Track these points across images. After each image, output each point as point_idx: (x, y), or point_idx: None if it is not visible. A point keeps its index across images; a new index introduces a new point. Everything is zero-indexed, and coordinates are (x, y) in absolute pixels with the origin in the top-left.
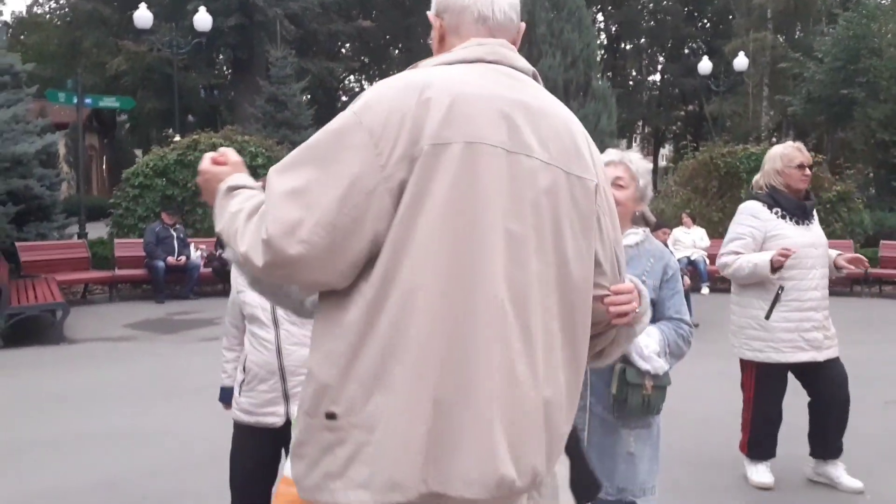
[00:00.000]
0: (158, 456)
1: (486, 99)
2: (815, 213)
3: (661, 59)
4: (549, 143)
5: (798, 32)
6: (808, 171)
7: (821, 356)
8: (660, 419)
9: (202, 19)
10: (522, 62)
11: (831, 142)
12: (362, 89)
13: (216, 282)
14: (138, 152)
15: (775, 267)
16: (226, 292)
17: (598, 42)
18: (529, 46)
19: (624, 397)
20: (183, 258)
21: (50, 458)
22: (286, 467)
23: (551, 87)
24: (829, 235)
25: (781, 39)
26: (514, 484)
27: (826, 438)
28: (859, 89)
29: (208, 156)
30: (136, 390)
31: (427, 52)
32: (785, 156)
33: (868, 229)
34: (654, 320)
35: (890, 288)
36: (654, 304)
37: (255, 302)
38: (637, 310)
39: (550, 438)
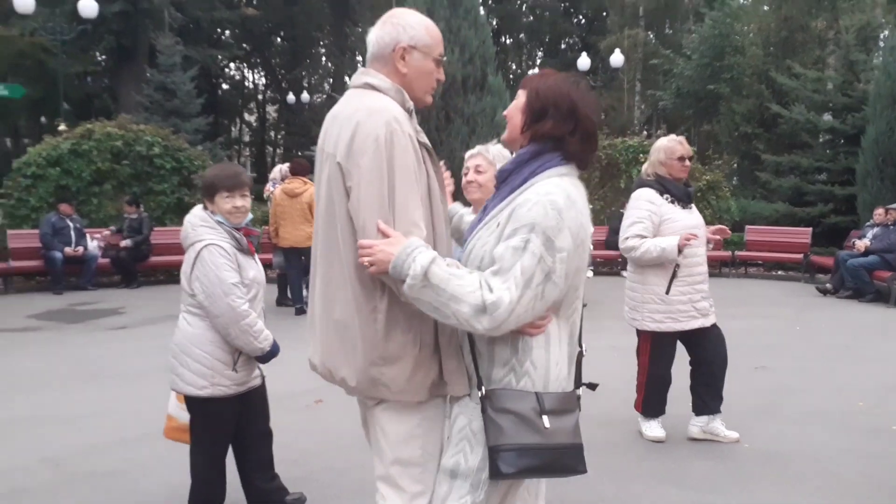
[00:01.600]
0: (95, 435)
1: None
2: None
3: (539, 53)
4: (334, 139)
5: (668, 30)
6: (687, 163)
7: (708, 322)
8: None
9: (88, 6)
10: (354, 80)
11: (698, 134)
12: (244, 77)
13: (112, 273)
14: (8, 141)
15: (681, 249)
16: (124, 282)
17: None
18: None
19: None
20: (80, 249)
21: None
22: (170, 405)
23: (450, 83)
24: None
25: (652, 37)
26: (316, 368)
27: (709, 395)
28: (724, 85)
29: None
30: (56, 376)
31: (309, 41)
32: (668, 148)
33: (735, 216)
34: None
35: (754, 269)
36: None
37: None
38: (371, 262)
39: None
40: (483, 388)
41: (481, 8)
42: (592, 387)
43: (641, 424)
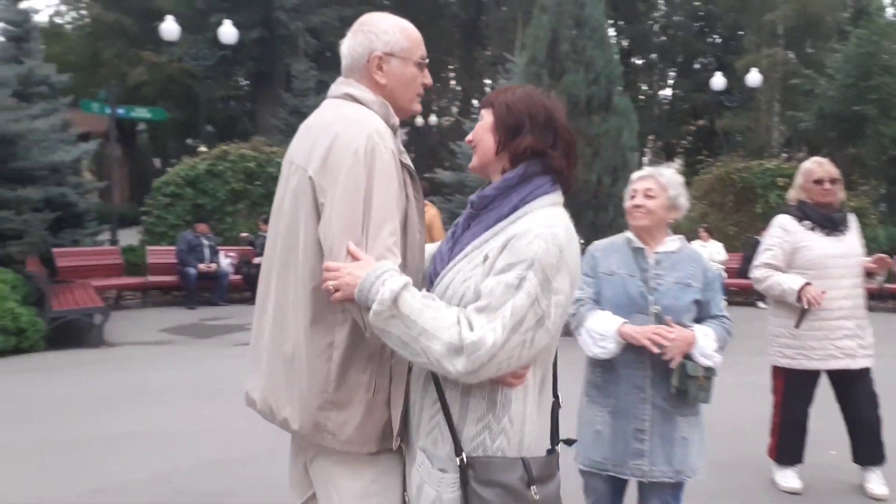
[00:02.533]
0: (208, 453)
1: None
2: (851, 223)
3: (672, 73)
4: (307, 151)
5: (809, 49)
6: (827, 186)
7: (855, 364)
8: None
9: (227, 32)
10: (332, 90)
11: (842, 158)
12: None
13: (244, 289)
14: (157, 161)
15: (800, 297)
16: (254, 299)
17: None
18: (553, 63)
19: (685, 389)
20: (213, 265)
21: (104, 454)
22: None
23: (574, 103)
24: None
25: (792, 56)
26: (255, 404)
27: (859, 443)
28: (871, 106)
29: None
30: (179, 391)
31: (438, 64)
32: (806, 171)
33: (883, 244)
34: (699, 320)
35: None
36: (700, 304)
37: None
38: (336, 286)
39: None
40: (464, 455)
41: (609, 27)
42: (569, 443)
43: (775, 472)
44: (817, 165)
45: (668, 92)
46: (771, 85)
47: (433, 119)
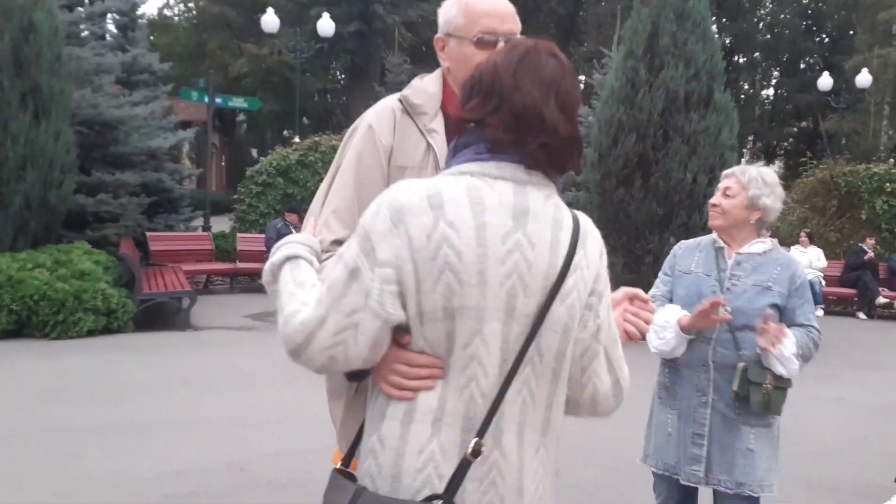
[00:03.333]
0: (283, 441)
1: None
2: None
3: (775, 73)
4: None
5: None
6: None
7: None
8: (780, 421)
9: (325, 25)
10: None
11: None
12: None
13: None
14: (254, 151)
15: None
16: None
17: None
18: (651, 57)
19: (745, 394)
20: None
21: (181, 438)
22: None
23: (672, 99)
24: None
25: None
26: None
27: None
28: None
29: None
30: (259, 377)
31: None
32: None
33: None
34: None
35: None
36: (782, 310)
37: None
38: None
39: None
40: (337, 465)
41: (713, 22)
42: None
43: None
44: None
45: (770, 92)
46: (882, 87)
47: None
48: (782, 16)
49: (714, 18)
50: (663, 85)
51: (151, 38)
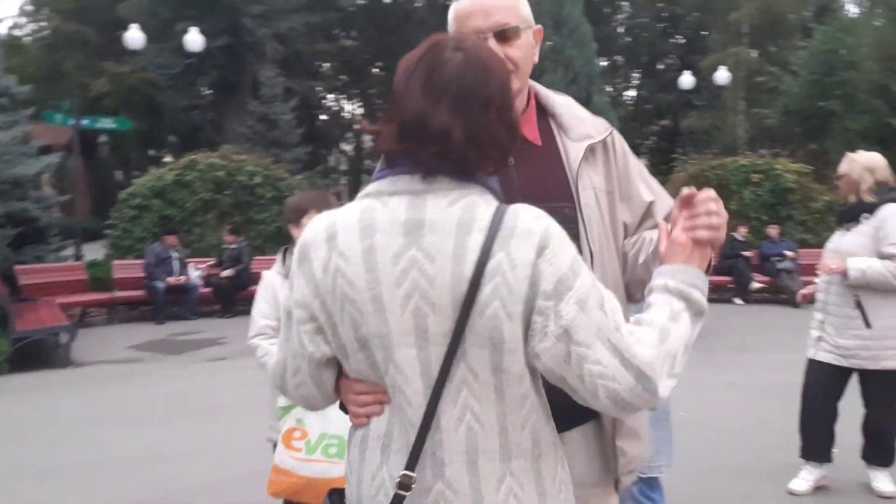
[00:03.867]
0: (198, 475)
1: None
2: (865, 220)
3: (635, 75)
4: None
5: (772, 47)
6: (837, 182)
7: (816, 355)
8: (669, 403)
9: (194, 40)
10: None
11: (806, 153)
12: (341, 109)
13: (214, 301)
14: (118, 174)
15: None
16: (222, 312)
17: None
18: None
19: None
20: (183, 278)
21: (79, 482)
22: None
23: None
24: (819, 244)
25: (755, 55)
26: None
27: (866, 442)
28: (836, 101)
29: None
30: (155, 412)
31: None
32: None
33: None
34: None
35: None
36: None
37: None
38: None
39: None
40: None
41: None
42: None
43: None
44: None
45: (632, 93)
46: (736, 83)
47: None
48: (640, 19)
49: None
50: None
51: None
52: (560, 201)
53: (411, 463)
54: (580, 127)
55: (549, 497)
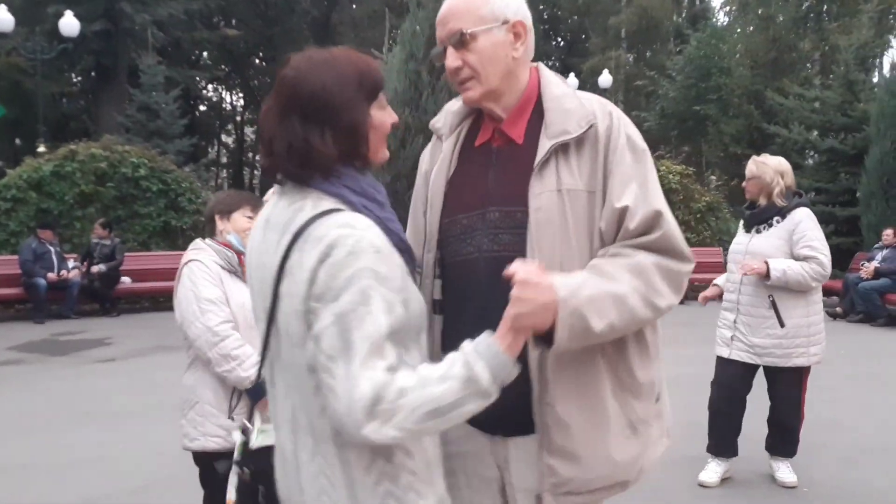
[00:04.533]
0: (94, 485)
1: None
2: (776, 222)
3: None
4: None
5: (649, 52)
6: (745, 184)
7: (729, 354)
8: None
9: (69, 24)
10: None
11: (682, 155)
12: (221, 99)
13: (90, 300)
14: None
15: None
16: (104, 311)
17: None
18: (432, 60)
19: None
20: (65, 273)
21: None
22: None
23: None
24: (700, 243)
25: (631, 59)
26: None
27: (771, 434)
28: (711, 106)
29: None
30: (44, 417)
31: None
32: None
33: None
34: None
35: None
36: None
37: None
38: None
39: None
40: None
41: None
42: None
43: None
44: (748, 163)
45: None
46: (616, 87)
47: None
48: None
49: None
50: (446, 87)
51: None
52: (517, 205)
53: (250, 417)
54: (561, 122)
55: (359, 486)
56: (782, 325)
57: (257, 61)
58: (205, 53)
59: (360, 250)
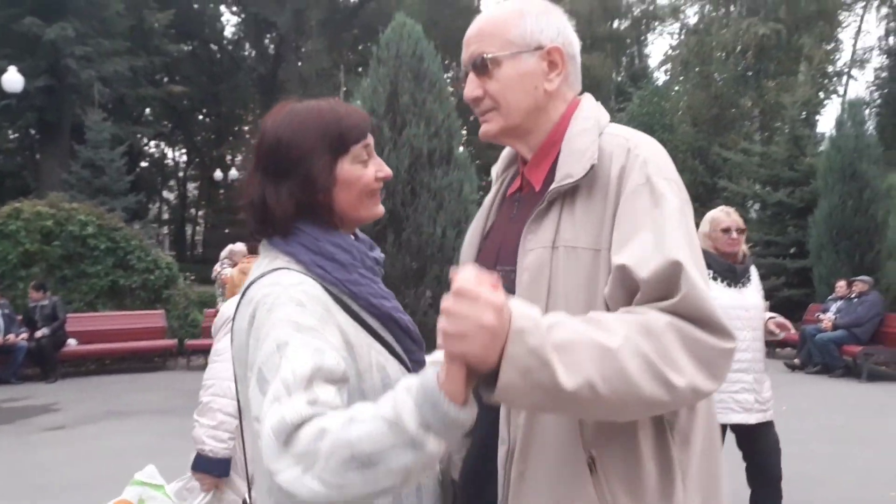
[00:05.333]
0: None
1: None
2: (751, 276)
3: (463, 132)
4: None
5: None
6: (734, 235)
7: (751, 419)
8: None
9: (12, 80)
10: None
11: None
12: (163, 155)
13: (30, 365)
14: None
15: None
16: (45, 376)
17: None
18: (394, 116)
19: None
20: (11, 336)
21: None
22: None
23: (417, 156)
24: None
25: None
26: None
27: (762, 496)
28: None
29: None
30: None
31: (234, 118)
32: (713, 220)
33: None
34: None
35: None
36: None
37: None
38: None
39: None
40: None
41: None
42: None
43: None
44: (725, 214)
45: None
46: None
47: (234, 173)
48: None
49: None
50: (407, 142)
51: None
52: (513, 263)
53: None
54: (568, 164)
55: None
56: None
57: (201, 117)
58: (147, 109)
59: (278, 305)
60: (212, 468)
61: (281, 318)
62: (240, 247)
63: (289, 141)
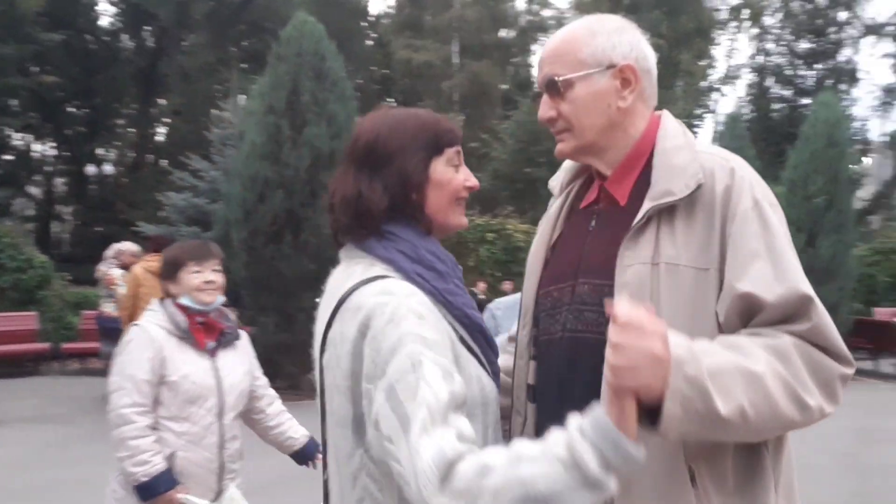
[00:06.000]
0: None
1: None
2: None
3: None
4: None
5: (480, 116)
6: None
7: None
8: None
9: None
10: None
11: (512, 215)
12: (29, 149)
13: None
14: None
15: None
16: None
17: None
18: (294, 114)
19: None
20: None
21: None
22: None
23: (318, 156)
24: None
25: (462, 121)
26: None
27: None
28: (540, 168)
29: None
30: None
31: (109, 112)
32: None
33: None
34: None
35: None
36: None
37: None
38: None
39: None
40: None
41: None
42: None
43: None
44: None
45: None
46: None
47: (108, 168)
48: (357, 80)
49: None
50: (308, 142)
51: None
52: (607, 277)
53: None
54: (665, 181)
55: None
56: None
57: (73, 109)
58: (15, 101)
59: (400, 317)
60: (158, 487)
61: (407, 331)
62: (129, 246)
63: (387, 135)
